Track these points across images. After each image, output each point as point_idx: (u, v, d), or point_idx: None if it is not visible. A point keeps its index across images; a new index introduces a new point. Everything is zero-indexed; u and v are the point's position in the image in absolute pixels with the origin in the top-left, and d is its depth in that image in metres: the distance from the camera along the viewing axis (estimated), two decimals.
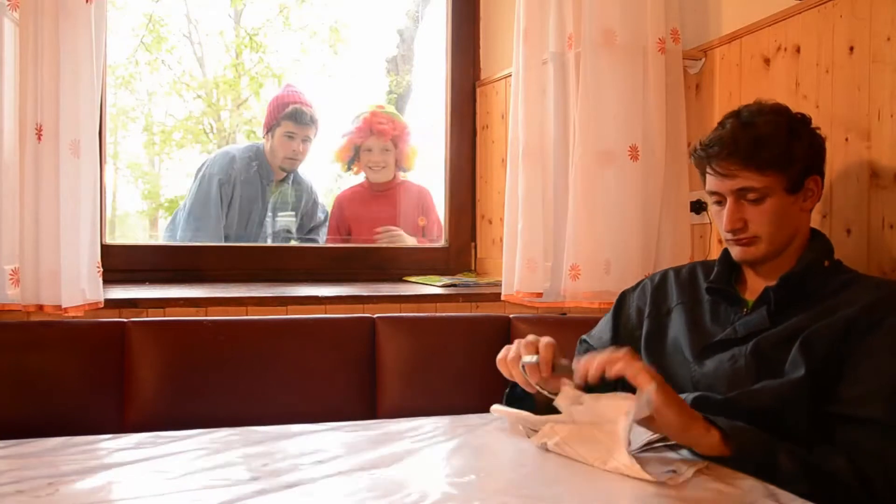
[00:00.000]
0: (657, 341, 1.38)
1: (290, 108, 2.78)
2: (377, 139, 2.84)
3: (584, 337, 1.53)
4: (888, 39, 1.43)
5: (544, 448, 1.09)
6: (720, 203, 1.29)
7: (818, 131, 1.29)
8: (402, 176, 2.92)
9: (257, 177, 2.79)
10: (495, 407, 1.12)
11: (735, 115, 1.28)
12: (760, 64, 1.73)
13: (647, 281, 1.48)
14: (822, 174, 1.29)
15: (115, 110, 4.78)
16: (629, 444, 1.01)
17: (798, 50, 1.63)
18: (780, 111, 1.28)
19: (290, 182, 2.87)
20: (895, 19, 1.42)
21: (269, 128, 2.82)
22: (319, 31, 5.11)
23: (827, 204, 1.55)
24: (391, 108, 3.07)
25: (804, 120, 1.29)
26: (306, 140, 2.81)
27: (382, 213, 2.83)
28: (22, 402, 1.55)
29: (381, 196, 2.87)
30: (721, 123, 1.29)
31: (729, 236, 1.28)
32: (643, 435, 1.11)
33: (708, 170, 1.29)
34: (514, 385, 1.28)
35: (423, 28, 4.40)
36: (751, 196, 1.24)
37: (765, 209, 1.24)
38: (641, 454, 1.07)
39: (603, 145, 1.88)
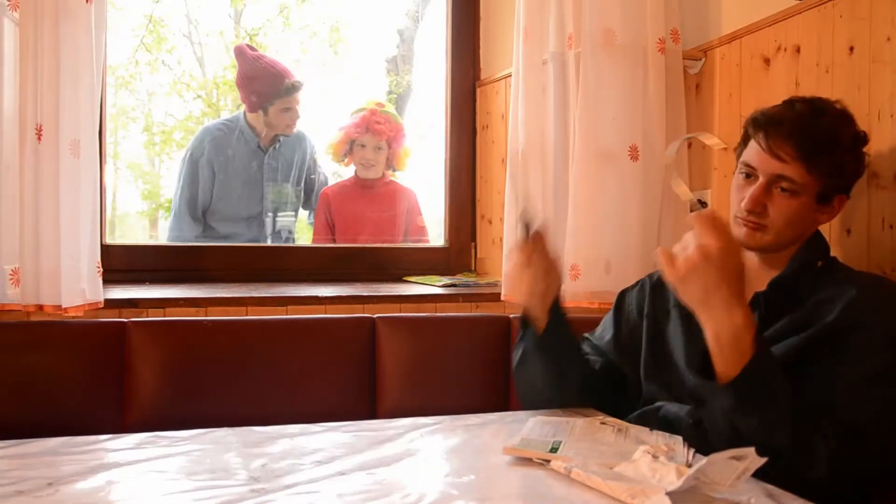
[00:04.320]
0: (657, 344, 1.38)
1: (285, 85, 2.82)
2: (372, 137, 2.86)
3: (586, 335, 1.53)
4: (888, 39, 1.43)
5: (567, 473, 1.01)
6: (749, 177, 1.24)
7: (867, 155, 1.27)
8: (390, 175, 2.93)
9: (241, 144, 2.81)
10: (507, 447, 1.10)
11: (807, 101, 1.24)
12: (760, 64, 1.73)
13: (645, 279, 1.48)
14: (849, 195, 1.27)
15: (115, 110, 4.77)
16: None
17: (798, 50, 1.63)
18: (850, 119, 1.25)
19: (281, 141, 2.89)
20: (895, 19, 1.41)
21: (260, 106, 2.83)
22: (319, 31, 5.10)
23: None
24: (391, 108, 3.07)
25: (864, 138, 1.26)
26: (299, 103, 2.86)
27: (367, 211, 2.84)
28: (22, 402, 1.55)
29: (367, 194, 2.87)
30: (789, 103, 1.25)
31: (741, 214, 1.24)
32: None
33: (758, 140, 1.23)
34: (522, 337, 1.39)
35: (423, 28, 4.39)
36: (784, 185, 1.21)
37: (790, 204, 1.21)
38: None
39: (603, 145, 1.88)
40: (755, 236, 1.24)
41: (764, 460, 0.88)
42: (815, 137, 1.19)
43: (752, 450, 0.88)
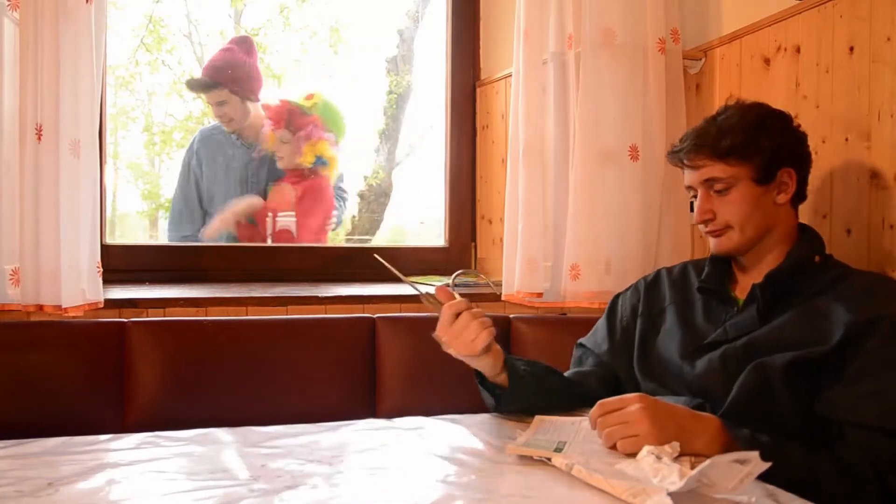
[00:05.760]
0: (651, 341, 1.38)
1: (194, 80, 2.81)
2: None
3: (581, 341, 1.53)
4: (888, 39, 1.43)
5: (568, 469, 1.02)
6: (695, 197, 1.32)
7: (799, 128, 1.30)
8: (304, 165, 2.77)
9: (231, 142, 2.79)
10: (511, 447, 1.10)
11: (708, 117, 1.32)
12: (760, 64, 1.73)
13: (640, 281, 1.49)
14: (797, 167, 1.28)
15: (115, 110, 4.77)
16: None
17: (798, 50, 1.63)
18: (754, 105, 1.30)
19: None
20: (895, 19, 1.41)
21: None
22: (319, 31, 5.10)
23: (827, 204, 1.55)
24: (321, 103, 2.85)
25: (781, 116, 1.29)
26: (222, 103, 2.75)
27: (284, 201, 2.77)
28: (22, 402, 1.55)
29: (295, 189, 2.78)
30: (695, 126, 1.33)
31: (702, 227, 1.31)
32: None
33: (681, 166, 1.33)
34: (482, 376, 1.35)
35: (423, 28, 4.39)
36: (717, 187, 1.27)
37: (731, 199, 1.26)
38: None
39: (603, 145, 1.88)
40: (723, 241, 1.29)
41: (768, 465, 0.88)
42: (713, 135, 1.26)
43: (755, 454, 0.88)
